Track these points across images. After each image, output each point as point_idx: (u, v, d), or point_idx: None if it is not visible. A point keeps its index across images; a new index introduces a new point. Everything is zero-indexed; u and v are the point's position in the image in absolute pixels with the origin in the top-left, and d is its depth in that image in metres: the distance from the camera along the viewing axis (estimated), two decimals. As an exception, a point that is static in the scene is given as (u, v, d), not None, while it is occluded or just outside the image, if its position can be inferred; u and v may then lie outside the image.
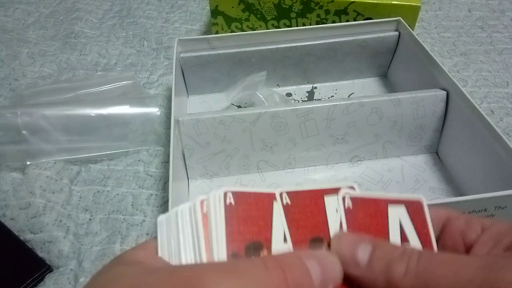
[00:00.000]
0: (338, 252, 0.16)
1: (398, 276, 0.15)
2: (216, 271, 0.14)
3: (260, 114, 0.34)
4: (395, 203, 0.18)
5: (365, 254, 0.16)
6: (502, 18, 0.56)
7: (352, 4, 0.45)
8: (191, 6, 0.60)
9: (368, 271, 0.15)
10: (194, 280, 0.13)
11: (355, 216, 0.17)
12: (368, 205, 0.18)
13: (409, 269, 0.15)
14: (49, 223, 0.33)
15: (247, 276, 0.13)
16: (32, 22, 0.58)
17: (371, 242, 0.16)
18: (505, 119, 0.42)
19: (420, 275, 0.15)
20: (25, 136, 0.37)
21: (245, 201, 0.16)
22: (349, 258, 0.16)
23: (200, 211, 0.16)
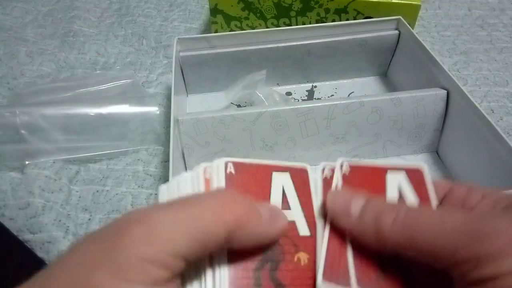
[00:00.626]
0: (332, 204, 0.17)
1: (386, 226, 0.15)
2: (162, 205, 0.14)
3: (260, 114, 0.34)
4: (395, 170, 0.18)
5: (357, 207, 0.16)
6: (502, 17, 0.56)
7: (352, 2, 0.45)
8: (190, 4, 0.60)
9: (358, 223, 0.16)
10: (135, 216, 0.14)
11: (351, 181, 0.18)
12: (366, 171, 0.18)
13: (397, 220, 0.15)
14: (48, 223, 0.32)
15: (193, 204, 0.14)
16: (30, 20, 0.57)
17: (364, 197, 0.17)
18: (505, 118, 0.42)
19: (407, 225, 0.15)
20: (23, 135, 0.37)
21: (245, 171, 0.17)
22: (342, 210, 0.16)
23: (202, 176, 0.16)
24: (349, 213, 0.16)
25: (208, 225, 0.14)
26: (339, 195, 0.17)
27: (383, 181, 0.17)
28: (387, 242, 0.15)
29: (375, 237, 0.15)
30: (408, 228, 0.15)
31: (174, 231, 0.13)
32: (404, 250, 0.15)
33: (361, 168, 0.18)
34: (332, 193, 0.17)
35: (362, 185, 0.17)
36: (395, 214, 0.15)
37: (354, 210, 0.16)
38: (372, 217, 0.16)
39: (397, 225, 0.15)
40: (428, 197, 0.17)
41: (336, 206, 0.17)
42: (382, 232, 0.15)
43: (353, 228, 0.16)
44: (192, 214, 0.14)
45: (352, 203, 0.16)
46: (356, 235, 0.16)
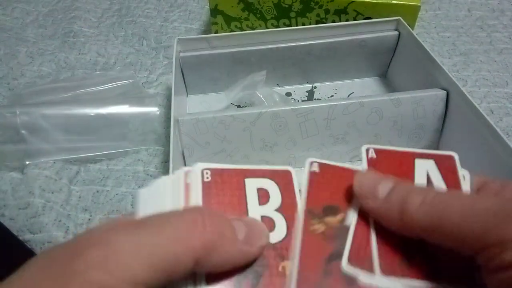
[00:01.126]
0: (359, 184, 0.16)
1: (412, 207, 0.14)
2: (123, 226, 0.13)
3: (260, 114, 0.34)
4: (424, 157, 0.17)
5: (385, 189, 0.16)
6: (502, 18, 0.56)
7: (352, 3, 0.45)
8: (190, 5, 0.60)
9: (384, 203, 0.15)
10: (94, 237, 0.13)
11: (377, 165, 0.17)
12: (393, 157, 0.17)
13: (424, 201, 0.14)
14: (48, 223, 0.33)
15: (156, 226, 0.13)
16: (31, 21, 0.57)
17: (393, 180, 0.16)
18: (505, 118, 0.42)
19: (435, 207, 0.14)
20: (24, 135, 0.37)
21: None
22: (369, 190, 0.16)
23: (183, 180, 0.16)
24: (376, 195, 0.15)
25: (172, 252, 0.13)
26: (366, 176, 0.16)
27: (412, 167, 0.17)
28: (412, 224, 0.14)
29: (400, 218, 0.15)
30: (436, 210, 0.14)
31: (134, 257, 0.12)
32: (430, 233, 0.14)
33: (388, 153, 0.17)
34: (359, 175, 0.16)
35: (389, 169, 0.17)
36: (423, 196, 0.15)
37: (381, 191, 0.15)
38: (399, 199, 0.15)
39: (424, 207, 0.14)
40: (458, 185, 0.16)
41: (363, 187, 0.16)
42: (408, 214, 0.14)
43: (378, 209, 0.15)
44: (155, 239, 0.13)
45: (379, 185, 0.16)
46: (381, 217, 0.15)
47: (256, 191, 0.16)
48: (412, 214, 0.14)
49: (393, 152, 0.17)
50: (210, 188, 0.16)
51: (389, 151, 0.17)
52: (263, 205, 0.16)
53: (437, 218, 0.14)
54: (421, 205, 0.14)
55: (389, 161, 0.17)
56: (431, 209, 0.14)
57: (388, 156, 0.17)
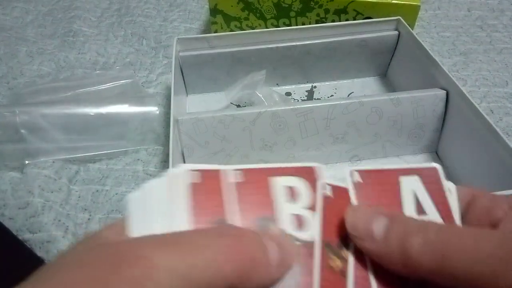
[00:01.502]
0: (352, 225, 0.15)
1: (414, 249, 0.14)
2: (157, 243, 0.13)
3: (260, 114, 0.34)
4: (408, 174, 0.16)
5: (380, 228, 0.15)
6: (502, 18, 0.56)
7: (351, 3, 0.45)
8: (190, 4, 0.60)
9: (383, 245, 0.15)
10: (131, 252, 0.12)
11: (364, 190, 0.16)
12: (378, 177, 0.16)
13: (425, 242, 0.14)
14: (48, 222, 0.32)
15: (193, 247, 0.12)
16: (31, 20, 0.57)
17: (387, 215, 0.15)
18: (505, 118, 0.42)
19: (437, 248, 0.14)
20: (23, 135, 0.37)
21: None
22: (364, 231, 0.15)
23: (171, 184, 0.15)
24: (372, 236, 0.15)
25: (206, 277, 0.12)
26: (358, 214, 0.16)
27: (397, 186, 0.16)
28: (415, 267, 0.14)
29: (402, 262, 0.14)
30: (439, 251, 0.13)
31: (171, 278, 0.12)
32: (435, 275, 0.14)
33: (371, 174, 0.16)
34: (350, 213, 0.16)
35: (377, 194, 0.16)
36: (422, 235, 0.14)
37: (377, 231, 0.15)
38: (398, 240, 0.14)
39: (427, 248, 0.14)
40: (445, 202, 0.16)
41: (357, 228, 0.15)
42: (411, 257, 0.14)
43: (377, 252, 0.15)
44: (190, 260, 0.12)
45: (374, 224, 0.15)
46: (381, 259, 0.15)
47: (284, 189, 0.16)
48: (414, 257, 0.14)
49: (377, 172, 0.17)
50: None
51: (373, 171, 0.17)
52: (292, 203, 0.16)
53: (441, 261, 0.13)
54: (423, 246, 0.14)
55: (375, 183, 0.16)
56: (433, 251, 0.14)
57: (373, 178, 0.16)
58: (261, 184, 0.16)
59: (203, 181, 0.15)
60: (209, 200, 0.15)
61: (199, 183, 0.15)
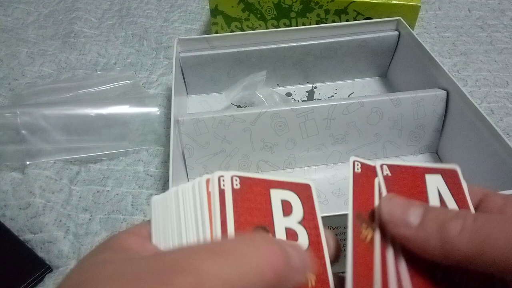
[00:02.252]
0: (388, 212, 0.16)
1: (454, 234, 0.14)
2: (204, 251, 0.13)
3: (260, 114, 0.34)
4: (432, 172, 0.18)
5: (417, 215, 0.15)
6: (502, 18, 0.56)
7: (352, 3, 0.45)
8: (190, 5, 0.60)
9: (420, 231, 0.15)
10: (181, 262, 0.12)
11: (394, 183, 0.17)
12: (406, 173, 0.17)
13: (465, 227, 0.14)
14: (48, 223, 0.33)
15: (236, 255, 0.13)
16: (32, 21, 0.58)
17: (422, 206, 0.16)
18: (505, 118, 0.42)
19: (477, 232, 0.14)
20: (24, 136, 0.37)
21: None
22: (400, 218, 0.15)
23: (205, 189, 0.15)
24: (409, 222, 0.15)
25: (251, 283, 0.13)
26: (393, 203, 0.16)
27: (423, 183, 0.17)
28: (454, 252, 0.14)
29: (440, 247, 0.14)
30: (479, 236, 0.14)
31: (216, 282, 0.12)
32: (473, 260, 0.14)
33: (400, 169, 0.17)
34: (387, 200, 0.16)
35: (404, 188, 0.17)
36: (462, 222, 0.14)
37: (413, 218, 0.15)
38: (436, 226, 0.14)
39: (466, 233, 0.14)
40: (465, 199, 0.17)
41: (394, 215, 0.15)
42: (449, 242, 0.14)
43: (413, 238, 0.15)
44: (236, 268, 0.13)
45: (410, 211, 0.15)
46: (417, 245, 0.15)
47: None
48: (454, 243, 0.14)
49: (405, 167, 0.18)
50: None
51: (401, 166, 0.18)
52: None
53: (480, 246, 0.14)
54: (462, 232, 0.14)
55: (403, 178, 0.17)
56: (474, 237, 0.14)
57: (401, 173, 0.17)
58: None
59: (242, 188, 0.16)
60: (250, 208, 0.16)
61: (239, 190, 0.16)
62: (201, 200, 0.15)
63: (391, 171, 0.17)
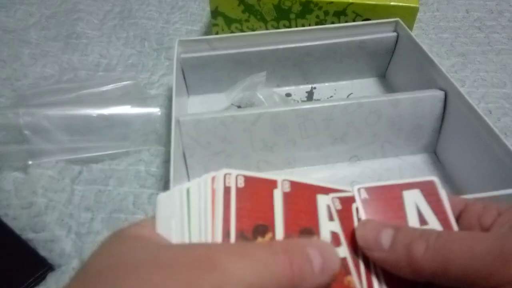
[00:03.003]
0: (363, 237, 0.17)
1: (418, 254, 0.15)
2: (229, 252, 0.14)
3: (260, 115, 0.34)
4: (409, 188, 0.18)
5: (387, 238, 0.16)
6: (500, 19, 0.56)
7: (351, 5, 0.46)
8: (191, 7, 0.61)
9: (391, 253, 0.16)
10: (209, 258, 0.13)
11: (371, 205, 0.18)
12: (383, 193, 0.18)
13: (428, 247, 0.15)
14: (51, 222, 0.33)
15: (256, 259, 0.14)
16: (34, 23, 0.58)
17: (393, 227, 0.17)
18: (503, 119, 0.42)
19: (439, 251, 0.15)
20: (27, 136, 0.38)
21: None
22: (373, 242, 0.16)
23: (210, 185, 0.16)
24: (381, 245, 0.16)
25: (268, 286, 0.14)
26: (366, 228, 0.17)
27: (401, 200, 0.18)
28: (421, 270, 0.15)
29: (408, 267, 0.15)
30: (441, 255, 0.15)
31: (239, 281, 0.13)
32: (438, 277, 0.15)
33: (377, 190, 0.18)
34: (361, 226, 0.17)
35: (382, 208, 0.18)
36: (425, 241, 0.15)
37: (384, 241, 0.16)
38: (404, 248, 0.16)
39: (429, 252, 0.15)
40: (444, 211, 0.18)
41: (367, 239, 0.17)
42: (415, 261, 0.15)
43: (385, 260, 0.16)
44: (256, 270, 0.14)
45: (381, 235, 0.16)
46: (389, 266, 0.16)
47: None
48: (418, 262, 0.15)
49: (382, 188, 0.18)
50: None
51: (378, 188, 0.18)
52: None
53: (442, 263, 0.15)
54: (425, 252, 0.15)
55: (381, 198, 0.18)
56: (435, 255, 0.15)
57: (378, 194, 0.18)
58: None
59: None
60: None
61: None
62: (205, 197, 0.16)
63: (368, 193, 0.18)
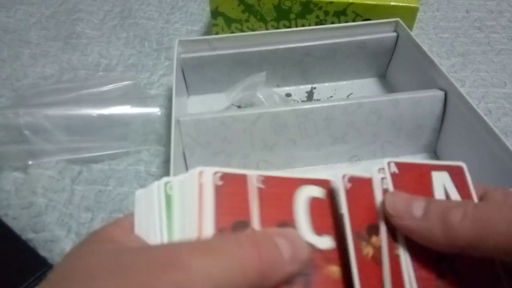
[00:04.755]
0: (392, 205, 0.16)
1: (455, 221, 0.15)
2: (192, 249, 0.13)
3: (260, 115, 0.34)
4: (438, 169, 0.18)
5: (419, 208, 0.16)
6: (500, 19, 0.56)
7: (351, 5, 0.46)
8: (191, 7, 0.61)
9: (423, 221, 0.15)
10: (169, 258, 0.13)
11: (400, 180, 0.17)
12: (412, 170, 0.18)
13: (466, 214, 0.15)
14: (51, 222, 0.33)
15: (221, 253, 0.13)
16: (34, 23, 0.58)
17: (425, 199, 0.16)
18: (503, 119, 0.42)
19: (478, 219, 0.14)
20: (27, 136, 0.38)
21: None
22: (404, 210, 0.16)
23: (197, 181, 0.16)
24: (412, 214, 0.16)
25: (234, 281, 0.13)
26: (398, 196, 0.16)
27: (430, 180, 0.18)
28: (457, 238, 0.15)
29: (443, 235, 0.15)
30: (480, 222, 0.14)
31: (206, 284, 0.13)
32: (475, 245, 0.14)
33: (407, 166, 0.18)
34: (391, 195, 0.17)
35: (411, 184, 0.17)
36: (463, 210, 0.15)
37: (416, 210, 0.16)
38: (438, 215, 0.15)
39: (467, 219, 0.14)
40: (470, 196, 0.17)
41: (397, 208, 0.16)
42: (452, 228, 0.15)
43: (417, 228, 0.15)
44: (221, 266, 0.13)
45: (413, 204, 0.16)
46: (421, 235, 0.15)
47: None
48: (456, 229, 0.15)
49: (412, 165, 0.18)
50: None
51: (408, 164, 0.18)
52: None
53: (482, 231, 0.14)
54: (463, 219, 0.15)
55: (410, 175, 0.18)
56: (475, 222, 0.14)
57: (407, 170, 0.18)
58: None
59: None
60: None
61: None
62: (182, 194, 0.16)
63: (398, 168, 0.18)
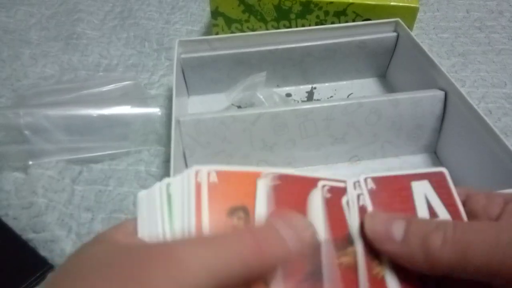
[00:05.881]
0: (372, 229, 0.16)
1: (436, 246, 0.14)
2: (187, 243, 0.13)
3: (260, 115, 0.34)
4: (418, 179, 0.17)
5: (399, 230, 0.15)
6: (500, 19, 0.56)
7: (351, 5, 0.46)
8: (191, 7, 0.61)
9: (404, 246, 0.15)
10: (163, 253, 0.13)
11: (379, 196, 0.17)
12: (391, 183, 0.17)
13: (446, 238, 0.14)
14: (51, 222, 0.33)
15: (218, 243, 0.13)
16: (34, 23, 0.58)
17: (404, 219, 0.16)
18: (503, 119, 0.42)
19: (458, 243, 0.14)
20: (27, 136, 0.38)
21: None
22: (384, 234, 0.16)
23: (194, 180, 0.16)
24: (392, 238, 0.15)
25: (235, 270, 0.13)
26: (377, 220, 0.16)
27: (410, 191, 0.17)
28: (438, 263, 0.14)
29: (424, 259, 0.15)
30: (460, 246, 0.14)
31: (198, 269, 0.12)
32: (456, 269, 0.14)
33: (384, 180, 0.17)
34: (369, 218, 0.16)
35: (390, 199, 0.17)
36: (442, 232, 0.15)
37: (397, 233, 0.15)
38: (419, 239, 0.15)
39: (448, 244, 0.14)
40: (454, 203, 0.17)
41: (376, 231, 0.16)
42: (432, 254, 0.14)
43: (398, 253, 0.15)
44: (218, 256, 0.13)
45: (393, 227, 0.16)
46: (402, 259, 0.15)
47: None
48: (436, 254, 0.14)
49: (389, 178, 0.17)
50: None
51: (386, 177, 0.17)
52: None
53: (462, 255, 0.14)
54: (443, 244, 0.14)
55: (388, 190, 0.17)
56: (455, 247, 0.14)
57: (386, 184, 0.17)
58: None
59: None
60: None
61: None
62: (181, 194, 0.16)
63: (376, 183, 0.17)
